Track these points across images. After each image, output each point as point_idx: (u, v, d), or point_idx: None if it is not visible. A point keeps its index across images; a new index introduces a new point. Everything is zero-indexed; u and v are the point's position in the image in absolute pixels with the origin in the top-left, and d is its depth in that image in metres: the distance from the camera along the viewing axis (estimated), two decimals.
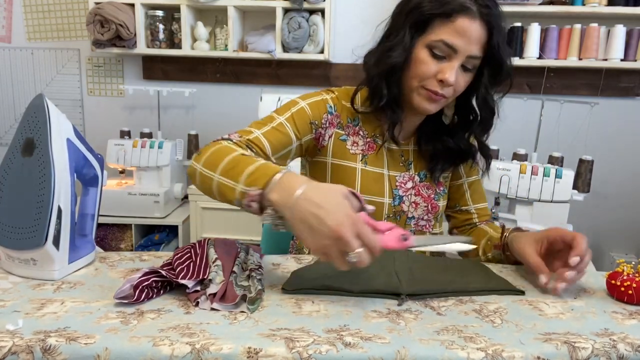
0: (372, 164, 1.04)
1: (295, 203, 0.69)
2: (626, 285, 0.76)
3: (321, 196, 0.69)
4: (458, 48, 0.89)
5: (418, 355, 0.60)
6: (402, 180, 1.06)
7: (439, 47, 0.90)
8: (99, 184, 0.91)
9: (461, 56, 0.90)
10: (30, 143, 0.77)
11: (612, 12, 2.12)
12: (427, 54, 0.91)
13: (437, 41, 0.90)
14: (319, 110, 1.02)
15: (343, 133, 1.03)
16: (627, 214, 2.48)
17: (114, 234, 2.32)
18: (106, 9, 2.28)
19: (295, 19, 2.29)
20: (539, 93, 2.36)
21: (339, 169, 1.03)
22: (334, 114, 1.03)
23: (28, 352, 0.59)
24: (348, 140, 1.03)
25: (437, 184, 1.09)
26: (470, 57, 0.91)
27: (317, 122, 1.01)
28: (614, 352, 0.62)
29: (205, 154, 0.86)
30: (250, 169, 0.77)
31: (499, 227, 1.06)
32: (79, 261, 0.84)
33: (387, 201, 1.04)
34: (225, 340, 0.60)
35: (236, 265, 0.79)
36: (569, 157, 2.02)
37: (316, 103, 1.02)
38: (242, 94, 2.61)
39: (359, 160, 1.03)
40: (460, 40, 0.89)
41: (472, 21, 0.88)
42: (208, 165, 0.83)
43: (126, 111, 2.72)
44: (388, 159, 1.05)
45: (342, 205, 0.69)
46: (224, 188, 0.79)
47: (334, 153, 1.03)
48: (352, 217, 0.68)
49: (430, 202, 1.08)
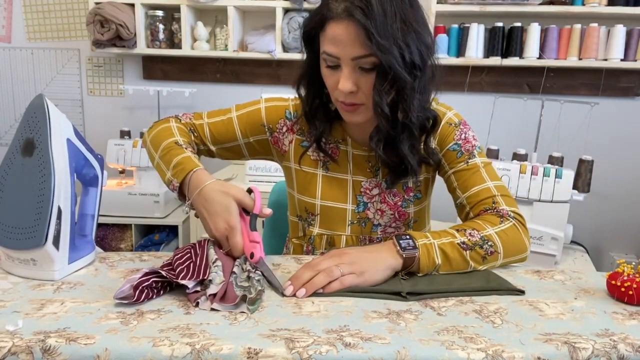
0: (334, 169, 1.04)
1: (195, 199, 0.88)
2: (626, 285, 0.76)
3: (211, 197, 0.86)
4: (338, 54, 0.85)
5: (418, 356, 0.60)
6: (368, 187, 1.03)
7: (326, 59, 0.88)
8: (99, 184, 0.91)
9: (346, 62, 0.85)
10: (30, 143, 0.77)
11: (612, 12, 2.12)
12: (325, 69, 0.90)
13: (323, 54, 0.88)
14: (276, 114, 1.06)
15: (303, 139, 1.05)
16: (627, 214, 2.48)
17: (114, 234, 2.32)
18: (106, 9, 2.28)
19: (295, 19, 2.29)
20: (539, 93, 2.36)
21: (300, 175, 1.06)
22: (292, 120, 1.06)
23: (28, 352, 0.59)
24: (309, 148, 1.04)
25: (406, 190, 1.03)
26: (356, 58, 0.84)
27: (271, 126, 1.06)
28: (614, 353, 0.62)
29: (154, 130, 1.04)
30: (176, 160, 0.93)
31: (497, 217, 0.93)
32: (79, 261, 0.84)
33: (350, 207, 1.03)
34: (225, 341, 0.60)
35: (236, 265, 0.79)
36: (569, 157, 2.02)
37: (274, 107, 1.07)
38: (242, 94, 2.61)
39: (319, 167, 1.04)
40: (336, 47, 0.85)
41: (338, 24, 0.83)
42: (152, 143, 1.02)
43: (126, 111, 2.72)
44: (353, 165, 1.03)
45: (225, 209, 0.84)
46: (159, 170, 0.97)
47: (295, 159, 1.06)
48: (229, 222, 0.83)
49: (397, 209, 1.03)
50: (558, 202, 1.73)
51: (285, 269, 0.87)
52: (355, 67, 0.86)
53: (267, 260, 0.91)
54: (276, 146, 1.08)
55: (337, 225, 1.04)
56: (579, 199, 1.83)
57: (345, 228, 1.04)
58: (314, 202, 1.04)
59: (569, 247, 1.92)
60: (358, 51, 0.83)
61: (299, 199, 1.06)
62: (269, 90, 2.41)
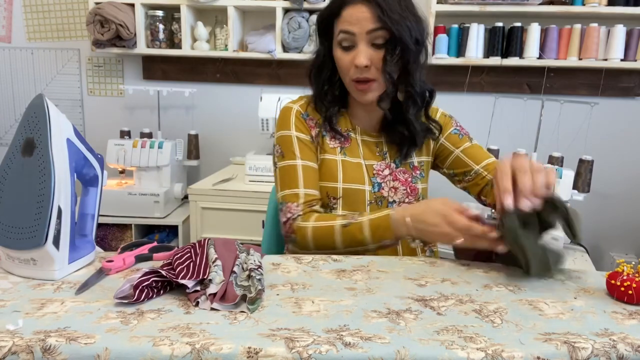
0: (350, 154, 1.14)
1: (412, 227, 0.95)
2: (626, 285, 0.76)
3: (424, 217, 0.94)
4: (354, 30, 1.00)
5: (418, 355, 0.60)
6: (379, 169, 1.14)
7: (342, 38, 1.02)
8: (99, 184, 0.91)
9: (361, 37, 1.00)
10: (30, 143, 0.77)
11: (612, 12, 2.12)
12: (340, 51, 1.04)
13: (338, 34, 1.03)
14: (302, 124, 1.13)
15: (322, 130, 1.14)
16: (627, 214, 2.48)
17: (114, 234, 2.32)
18: (106, 9, 2.28)
19: (295, 19, 2.29)
20: (539, 93, 2.37)
21: (325, 162, 1.12)
22: (308, 117, 1.14)
23: (28, 352, 0.59)
24: (327, 136, 1.13)
25: (413, 169, 1.17)
26: (370, 31, 0.99)
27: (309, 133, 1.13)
28: (613, 352, 0.62)
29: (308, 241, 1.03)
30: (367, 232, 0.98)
31: None
32: (79, 261, 0.84)
33: (367, 188, 1.12)
34: (225, 340, 0.60)
35: (236, 265, 0.79)
36: (569, 157, 2.03)
37: (296, 123, 1.13)
38: (242, 94, 2.61)
39: (338, 152, 1.13)
40: (353, 24, 1.00)
41: (354, 7, 1.00)
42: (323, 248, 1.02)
43: (126, 111, 2.72)
44: (363, 150, 1.14)
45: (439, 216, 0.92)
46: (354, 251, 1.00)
47: (320, 149, 1.13)
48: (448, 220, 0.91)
49: (409, 185, 1.15)
50: None
51: (286, 268, 0.87)
52: (369, 43, 1.00)
53: (267, 259, 0.91)
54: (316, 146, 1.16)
55: (358, 205, 1.12)
56: (579, 199, 1.83)
57: (365, 207, 1.12)
58: (336, 185, 1.11)
59: (569, 247, 1.92)
60: (372, 25, 0.99)
61: (321, 186, 1.12)
62: (269, 91, 2.41)
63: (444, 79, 2.38)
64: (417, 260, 0.94)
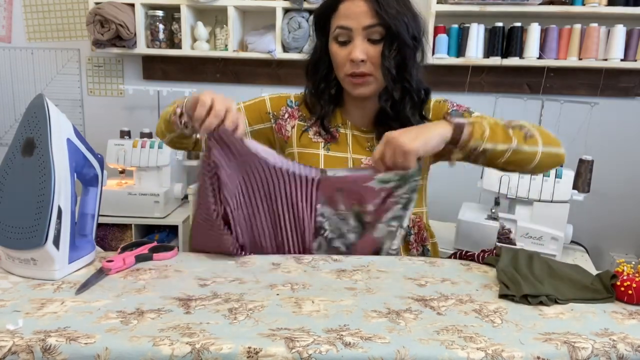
0: (335, 149, 1.13)
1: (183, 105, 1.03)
2: (626, 285, 0.76)
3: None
4: (350, 25, 1.00)
5: (418, 355, 0.60)
6: (368, 163, 1.13)
7: (339, 34, 1.03)
8: (99, 184, 0.91)
9: (357, 32, 1.00)
10: (30, 143, 0.77)
11: (612, 12, 2.12)
12: (335, 46, 1.04)
13: (334, 30, 1.03)
14: (278, 103, 1.17)
15: (306, 125, 1.15)
16: (627, 214, 2.48)
17: (114, 234, 2.32)
18: (106, 9, 2.28)
19: (295, 19, 2.29)
20: (539, 93, 2.36)
21: (304, 156, 1.13)
22: (294, 107, 1.17)
23: (28, 351, 0.59)
24: (310, 131, 1.14)
25: None
26: (367, 27, 0.99)
27: (275, 114, 1.16)
28: (613, 352, 0.62)
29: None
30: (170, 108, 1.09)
31: None
32: (79, 261, 0.84)
33: None
34: (225, 340, 0.61)
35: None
36: (569, 157, 2.02)
37: (277, 97, 1.18)
38: (242, 94, 2.60)
39: (321, 147, 1.13)
40: (349, 19, 1.00)
41: (351, 1, 1.00)
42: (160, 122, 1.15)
43: (126, 111, 2.72)
44: (353, 145, 1.14)
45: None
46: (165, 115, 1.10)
47: (298, 143, 1.14)
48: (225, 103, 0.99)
49: None
50: (558, 202, 1.73)
51: (286, 268, 0.87)
52: (365, 38, 1.01)
53: (266, 259, 0.91)
54: (279, 133, 1.16)
55: None
56: (579, 199, 1.83)
57: None
58: None
59: (569, 247, 1.92)
60: (369, 21, 0.99)
61: None
62: (269, 91, 2.39)
63: (444, 79, 2.38)
64: (417, 260, 0.94)
